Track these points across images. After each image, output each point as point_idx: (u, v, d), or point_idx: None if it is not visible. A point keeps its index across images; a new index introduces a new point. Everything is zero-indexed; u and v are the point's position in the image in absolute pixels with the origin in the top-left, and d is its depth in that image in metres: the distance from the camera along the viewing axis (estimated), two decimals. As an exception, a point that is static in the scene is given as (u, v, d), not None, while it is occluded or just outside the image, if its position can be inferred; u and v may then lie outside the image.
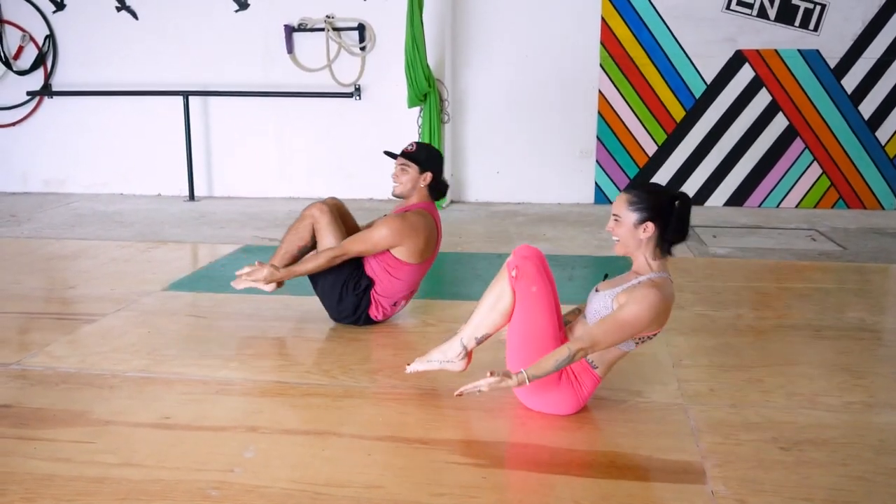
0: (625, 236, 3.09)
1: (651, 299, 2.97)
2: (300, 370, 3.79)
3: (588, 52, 8.05)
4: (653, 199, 3.05)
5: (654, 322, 3.02)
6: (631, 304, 2.98)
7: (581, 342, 2.98)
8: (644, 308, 2.97)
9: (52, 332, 4.30)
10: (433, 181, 4.29)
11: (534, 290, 3.16)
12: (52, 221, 7.42)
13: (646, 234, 3.05)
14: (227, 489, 2.69)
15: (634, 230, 3.06)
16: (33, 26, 8.75)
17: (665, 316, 3.06)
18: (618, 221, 3.09)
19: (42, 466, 2.84)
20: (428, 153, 4.32)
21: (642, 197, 3.06)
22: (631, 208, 3.05)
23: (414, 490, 2.69)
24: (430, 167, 4.26)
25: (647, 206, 3.04)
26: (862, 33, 7.77)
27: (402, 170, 4.26)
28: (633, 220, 3.05)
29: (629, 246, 3.10)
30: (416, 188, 4.28)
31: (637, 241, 3.07)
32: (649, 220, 3.03)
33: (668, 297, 3.04)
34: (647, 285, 3.01)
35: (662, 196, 3.08)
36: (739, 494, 2.65)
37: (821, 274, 5.62)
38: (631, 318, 2.98)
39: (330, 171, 8.53)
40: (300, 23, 8.27)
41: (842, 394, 3.48)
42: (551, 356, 2.99)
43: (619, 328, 2.99)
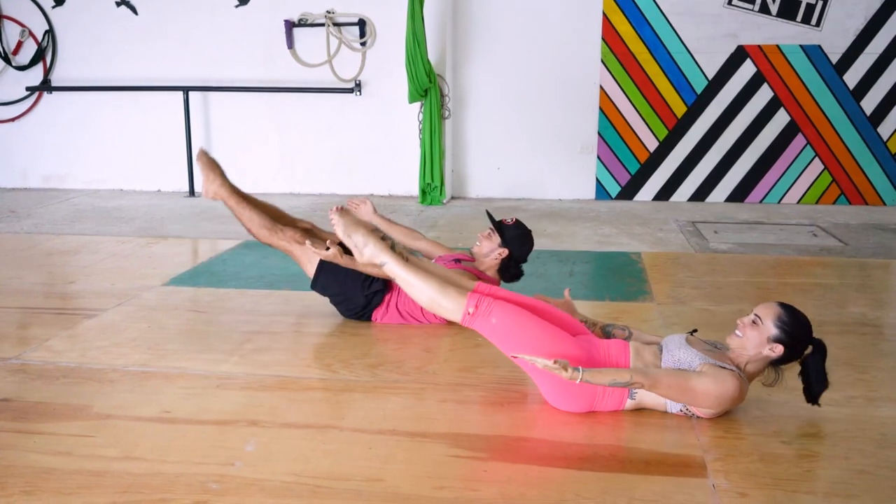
0: (752, 340, 3.07)
1: (729, 388, 3.00)
2: (301, 364, 3.79)
3: (589, 47, 8.04)
4: (800, 331, 3.05)
5: (714, 406, 3.05)
6: (709, 379, 3.00)
7: (644, 378, 2.98)
8: (719, 391, 3.00)
9: (52, 327, 4.30)
10: (507, 260, 4.28)
11: (494, 322, 3.20)
12: (52, 217, 7.41)
13: (771, 353, 3.05)
14: (228, 483, 2.68)
15: (765, 343, 3.05)
16: (32, 21, 8.73)
17: (725, 408, 3.09)
18: (756, 324, 3.07)
19: (42, 460, 2.84)
20: (518, 235, 4.31)
21: (792, 323, 3.04)
22: (777, 324, 3.04)
23: (415, 483, 2.68)
24: (511, 246, 4.27)
25: (791, 333, 3.03)
26: (864, 29, 7.76)
27: (488, 235, 4.32)
28: (770, 334, 3.04)
29: (748, 350, 3.09)
30: (489, 258, 4.29)
31: (758, 351, 3.06)
32: (783, 344, 3.03)
33: (740, 398, 3.07)
34: (736, 377, 3.03)
35: (808, 334, 3.07)
36: (741, 488, 2.65)
37: (822, 269, 5.61)
38: (701, 390, 3.00)
39: (330, 167, 8.52)
40: (300, 18, 8.26)
41: (843, 388, 3.47)
42: (612, 372, 2.99)
43: (684, 390, 3.01)
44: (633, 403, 3.16)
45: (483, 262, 4.32)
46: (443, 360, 3.81)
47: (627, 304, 4.73)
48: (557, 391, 3.19)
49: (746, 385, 3.08)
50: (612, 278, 5.43)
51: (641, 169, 8.21)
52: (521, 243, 4.30)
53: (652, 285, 5.11)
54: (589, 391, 3.13)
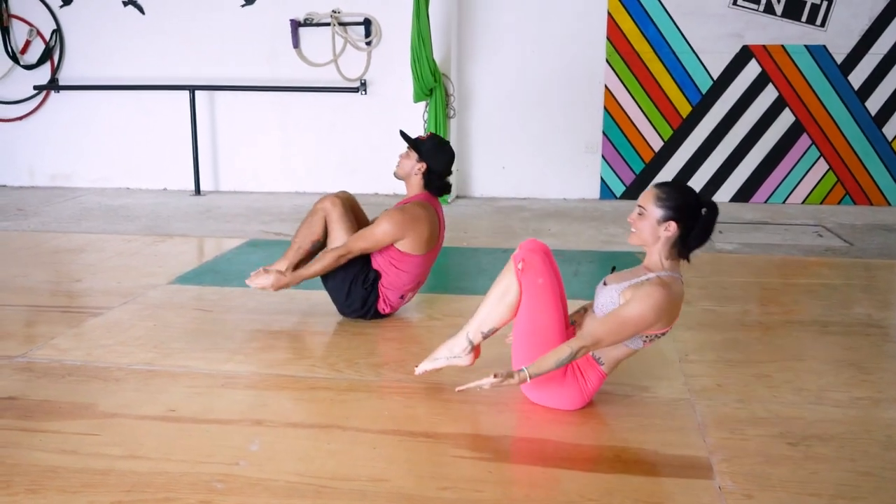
0: (645, 230, 3.06)
1: (656, 297, 2.96)
2: (305, 364, 3.79)
3: (594, 47, 8.03)
4: (682, 201, 3.03)
5: (659, 321, 3.01)
6: (635, 302, 2.97)
7: (583, 340, 2.97)
8: (648, 306, 2.96)
9: (58, 325, 4.31)
10: (427, 173, 4.29)
11: (540, 283, 3.15)
12: (59, 215, 7.43)
13: (667, 232, 3.03)
14: (232, 482, 2.69)
15: (657, 226, 3.03)
16: (40, 21, 8.74)
17: (671, 315, 3.05)
18: (642, 215, 3.06)
19: (47, 458, 2.85)
20: (433, 146, 4.34)
21: (672, 196, 3.03)
22: (658, 204, 3.02)
23: (419, 483, 2.68)
24: (428, 159, 4.28)
25: (675, 206, 3.01)
26: (869, 29, 7.73)
27: (406, 154, 4.34)
28: (657, 216, 3.02)
29: (646, 240, 3.08)
30: (411, 175, 4.32)
31: (655, 237, 3.05)
32: (674, 219, 3.01)
33: (676, 296, 3.03)
34: (655, 283, 3.00)
35: (692, 199, 3.05)
36: (747, 489, 2.64)
37: (827, 270, 5.60)
38: (635, 316, 2.96)
39: (335, 166, 8.52)
40: (306, 17, 8.26)
41: (849, 389, 3.47)
42: (552, 354, 2.98)
43: (621, 326, 2.98)
44: (608, 366, 3.16)
45: (409, 184, 4.34)
46: (447, 359, 3.80)
47: (632, 305, 4.72)
48: (542, 393, 3.22)
49: (674, 281, 3.05)
50: (617, 278, 5.42)
51: (646, 169, 8.20)
52: (438, 153, 4.33)
53: (657, 285, 5.09)
54: (569, 381, 3.14)
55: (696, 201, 3.04)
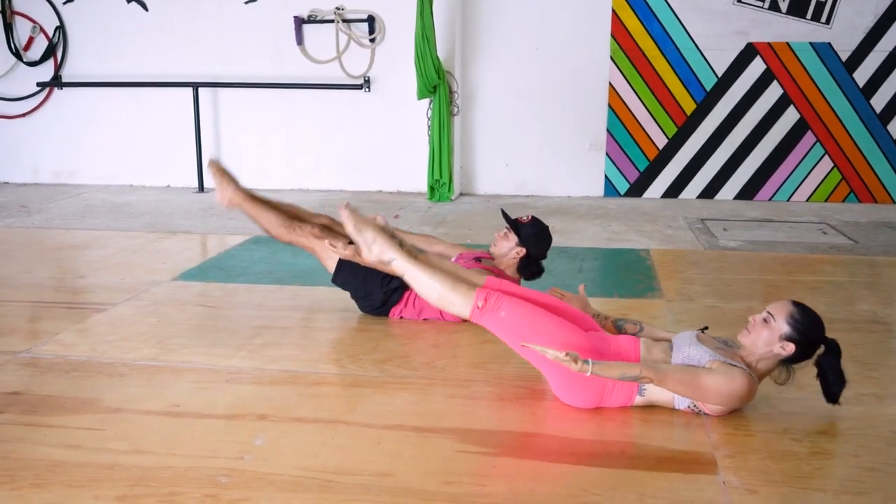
0: (762, 338, 3.04)
1: (739, 386, 2.98)
2: (310, 359, 3.79)
3: (598, 44, 8.02)
4: (812, 330, 3.02)
5: (723, 403, 3.03)
6: (719, 376, 2.98)
7: (654, 373, 2.96)
8: (728, 388, 2.98)
9: (62, 321, 4.31)
10: (525, 259, 4.25)
11: (503, 315, 3.19)
12: (63, 212, 7.43)
13: (782, 351, 3.02)
14: (237, 476, 2.68)
15: (776, 341, 3.02)
16: (44, 17, 8.75)
17: (734, 406, 3.06)
18: (767, 322, 3.04)
19: (52, 453, 2.85)
20: (535, 232, 4.27)
21: (805, 321, 3.01)
22: (789, 322, 3.01)
23: (424, 478, 2.68)
24: (527, 245, 4.23)
25: (803, 331, 3.00)
26: (874, 26, 7.73)
27: (504, 234, 4.29)
28: (782, 332, 3.01)
29: (757, 347, 3.06)
30: (507, 257, 4.27)
31: (769, 349, 3.04)
32: (795, 343, 3.00)
33: (749, 396, 3.04)
34: (746, 375, 3.00)
35: (820, 332, 3.03)
36: (751, 485, 2.64)
37: (832, 267, 5.59)
38: (712, 387, 2.97)
39: (339, 163, 8.52)
40: (310, 14, 8.26)
41: (853, 385, 3.43)
42: (621, 366, 2.97)
43: (693, 387, 2.99)
44: (642, 399, 3.15)
45: (501, 262, 4.30)
46: (451, 355, 3.80)
47: (636, 301, 4.72)
48: (567, 385, 3.18)
49: (756, 383, 3.07)
50: (621, 275, 5.43)
51: (650, 166, 8.20)
52: (537, 241, 4.27)
53: (661, 282, 5.10)
54: (598, 386, 3.12)
55: (821, 335, 3.03)
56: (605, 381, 3.09)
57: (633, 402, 3.16)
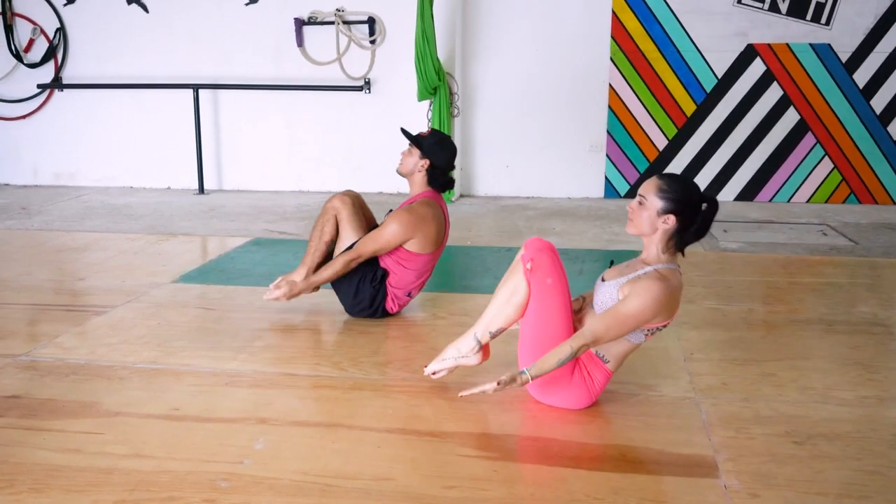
0: (644, 220, 3.05)
1: (655, 291, 2.95)
2: (310, 362, 3.78)
3: (598, 46, 8.01)
4: (683, 194, 3.02)
5: (659, 314, 3.00)
6: (634, 297, 2.96)
7: (583, 338, 2.96)
8: (647, 300, 2.95)
9: (61, 324, 4.30)
10: (430, 169, 4.27)
11: (549, 283, 3.14)
12: (63, 214, 7.42)
13: (666, 225, 3.02)
14: (237, 481, 2.68)
15: (656, 218, 3.02)
16: (44, 19, 8.74)
17: (672, 307, 3.04)
18: (642, 204, 3.05)
19: (51, 457, 2.84)
20: (435, 142, 4.31)
21: (674, 188, 3.02)
22: (660, 195, 3.01)
23: (424, 482, 2.67)
24: (430, 155, 4.26)
25: (676, 199, 3.00)
26: (874, 27, 7.71)
27: (408, 151, 4.32)
28: (657, 208, 3.01)
29: (644, 231, 3.06)
30: (414, 173, 4.30)
31: (653, 228, 3.04)
32: (673, 213, 3.00)
33: (675, 288, 3.02)
34: (653, 276, 2.99)
35: (693, 194, 3.03)
36: (752, 489, 2.63)
37: (832, 269, 5.58)
38: (634, 310, 2.96)
39: (339, 165, 8.51)
40: (310, 16, 8.25)
41: (855, 388, 3.45)
42: (553, 354, 2.98)
43: (621, 322, 2.97)
44: (613, 364, 3.15)
45: (412, 182, 4.33)
46: (452, 358, 3.79)
47: (637, 303, 4.70)
48: (547, 393, 3.20)
49: (672, 274, 3.03)
50: (622, 277, 5.41)
51: (651, 167, 8.18)
52: (440, 149, 4.30)
53: (661, 284, 5.08)
54: (575, 381, 3.13)
55: (697, 196, 3.04)
56: (580, 372, 3.11)
57: (609, 370, 3.16)
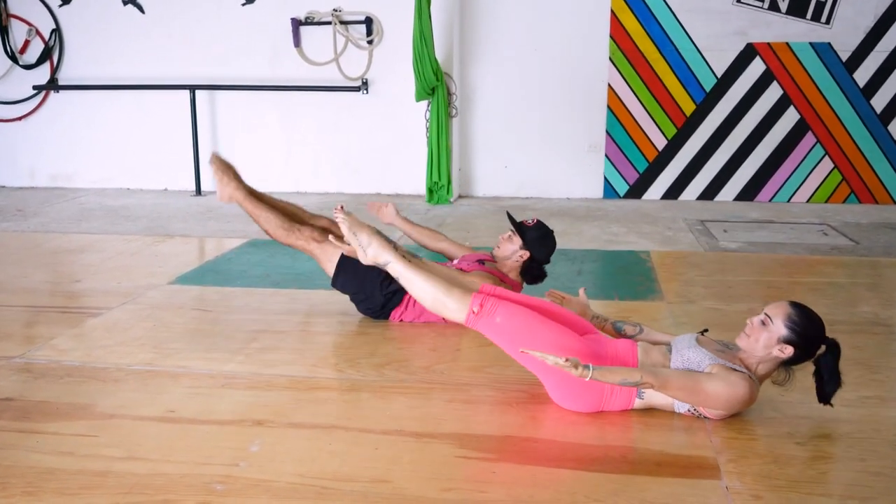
0: (761, 341, 3.00)
1: (739, 391, 2.95)
2: (307, 364, 3.75)
3: (597, 45, 7.99)
4: (811, 331, 2.97)
5: (723, 408, 3.00)
6: (720, 382, 2.95)
7: (654, 378, 2.93)
8: (729, 394, 2.95)
9: (57, 326, 4.27)
10: (528, 261, 4.22)
11: (498, 321, 3.15)
12: (59, 216, 7.39)
13: (781, 353, 2.98)
14: (233, 483, 2.64)
15: (774, 343, 2.98)
16: (39, 20, 8.71)
17: (734, 410, 3.04)
18: (765, 325, 3.00)
19: (45, 460, 2.81)
20: (539, 236, 4.24)
21: (803, 323, 2.97)
22: (787, 324, 2.96)
23: (422, 485, 2.64)
24: (532, 249, 4.20)
25: (802, 334, 2.96)
26: (874, 26, 7.69)
27: (508, 237, 4.26)
28: (780, 335, 2.97)
29: (756, 351, 3.02)
30: (511, 260, 4.24)
31: (768, 352, 3.00)
32: (794, 345, 2.96)
33: (750, 400, 3.01)
34: (746, 379, 2.97)
35: (820, 333, 2.99)
36: (755, 490, 2.60)
37: (833, 268, 5.56)
38: (712, 393, 2.94)
39: (337, 166, 8.48)
40: (307, 16, 8.23)
41: (857, 388, 3.42)
42: (622, 371, 2.94)
43: (694, 392, 2.96)
44: (641, 403, 3.11)
45: (504, 265, 4.27)
46: (450, 359, 3.77)
47: (637, 304, 4.68)
48: (565, 390, 3.15)
49: (757, 387, 3.03)
50: (621, 277, 5.39)
51: (650, 167, 8.16)
52: (542, 244, 4.24)
53: (661, 284, 5.06)
54: (597, 391, 3.08)
55: (822, 336, 2.99)
56: (603, 385, 3.05)
57: (632, 405, 3.12)
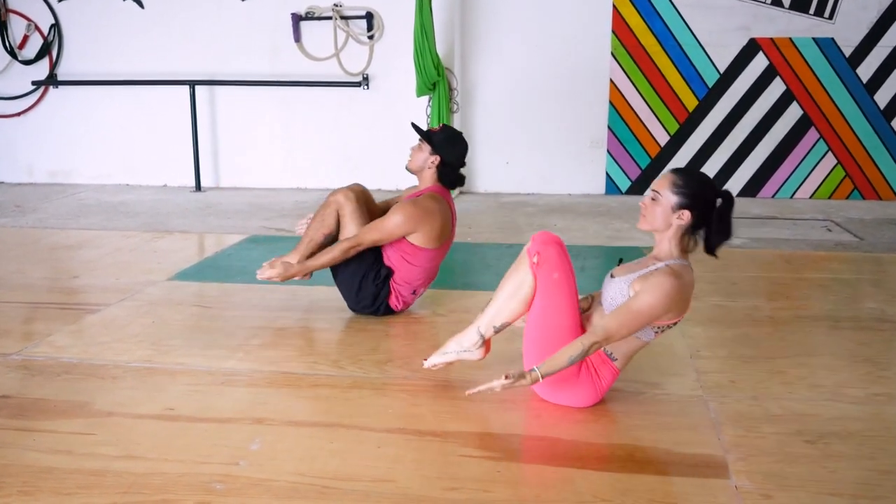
0: (657, 216, 2.97)
1: (667, 287, 2.88)
2: (308, 360, 3.71)
3: (599, 40, 7.94)
4: (698, 189, 2.95)
5: (671, 311, 2.92)
6: (646, 293, 2.88)
7: (594, 335, 2.88)
8: (659, 296, 2.87)
9: (54, 322, 4.23)
10: (441, 165, 4.19)
11: (555, 277, 3.06)
12: (58, 212, 7.35)
13: (680, 220, 2.95)
14: (232, 483, 2.60)
15: (670, 213, 2.95)
16: (38, 15, 8.66)
17: (684, 304, 2.96)
18: (655, 200, 2.97)
19: (41, 459, 2.77)
20: (446, 137, 4.23)
21: (689, 183, 2.95)
22: (674, 190, 2.94)
23: (426, 484, 2.60)
24: (441, 151, 4.18)
25: (691, 194, 2.93)
26: (878, 21, 7.64)
27: (418, 147, 4.24)
28: (672, 203, 2.94)
29: (658, 226, 2.99)
30: (424, 169, 4.22)
31: (667, 224, 2.97)
32: (688, 208, 2.93)
33: (687, 285, 2.95)
34: (665, 272, 2.91)
35: (708, 189, 2.96)
36: (764, 489, 2.55)
37: (838, 264, 5.52)
38: (646, 307, 2.88)
39: (337, 162, 8.44)
40: (307, 11, 8.18)
41: (865, 385, 3.38)
42: (564, 351, 2.89)
43: (633, 318, 2.89)
44: (621, 362, 3.08)
45: (421, 178, 4.26)
46: (453, 356, 3.72)
47: (641, 300, 4.63)
48: (554, 391, 3.13)
49: (685, 270, 2.96)
50: (625, 274, 5.33)
51: (652, 163, 8.11)
52: (451, 145, 4.22)
53: (665, 281, 5.01)
54: (581, 377, 3.05)
55: (712, 191, 2.96)
56: (587, 370, 3.03)
57: (617, 368, 3.09)
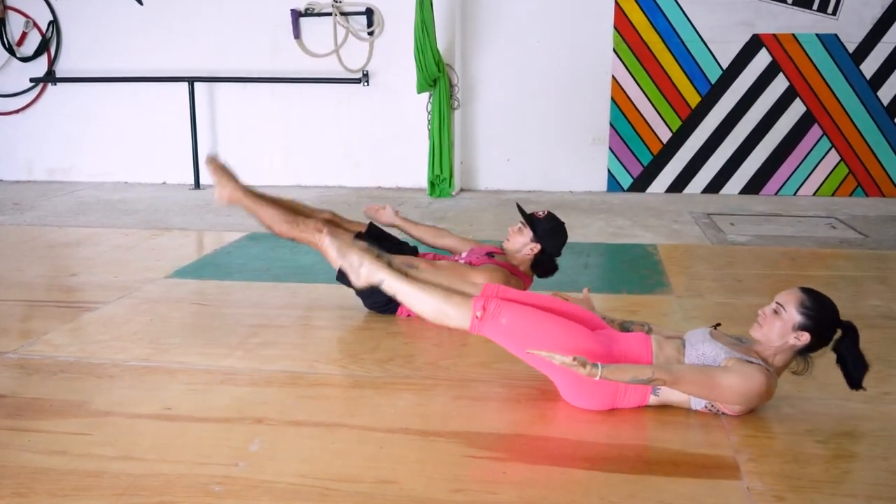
0: (775, 329, 2.91)
1: (757, 384, 2.85)
2: (308, 359, 3.65)
3: (601, 36, 7.89)
4: (825, 315, 2.89)
5: (741, 402, 2.91)
6: (736, 374, 2.86)
7: (667, 374, 2.84)
8: (745, 386, 2.85)
9: (52, 320, 4.17)
10: (540, 255, 4.11)
11: (504, 323, 3.04)
12: (56, 209, 7.30)
13: (797, 341, 2.89)
14: (231, 484, 2.55)
15: (789, 331, 2.89)
16: (37, 12, 8.62)
17: (753, 405, 2.94)
18: (777, 313, 2.91)
19: (36, 459, 2.71)
20: (551, 228, 4.13)
21: (816, 307, 2.88)
22: (800, 310, 2.88)
23: (429, 485, 2.54)
24: (543, 241, 4.09)
25: (817, 318, 2.87)
26: (881, 17, 7.60)
27: (518, 230, 4.15)
28: (795, 322, 2.88)
29: (772, 340, 2.93)
30: (521, 253, 4.13)
31: (783, 341, 2.91)
32: (809, 331, 2.87)
33: (768, 393, 2.92)
34: (764, 371, 2.88)
35: (834, 317, 2.90)
36: (777, 490, 2.50)
37: (842, 262, 5.48)
38: (728, 387, 2.85)
39: (338, 159, 8.39)
40: (307, 7, 8.13)
41: (876, 384, 3.30)
42: (633, 369, 2.85)
43: (709, 387, 2.87)
44: (656, 400, 3.02)
45: (515, 258, 4.16)
46: (456, 354, 3.66)
47: (645, 297, 4.59)
48: (576, 389, 3.05)
49: (775, 380, 2.93)
50: (629, 271, 5.28)
51: (654, 160, 8.07)
52: (554, 236, 4.13)
53: (670, 278, 4.97)
54: (610, 389, 2.99)
55: (836, 321, 2.90)
56: (616, 383, 2.96)
57: (647, 402, 3.03)
